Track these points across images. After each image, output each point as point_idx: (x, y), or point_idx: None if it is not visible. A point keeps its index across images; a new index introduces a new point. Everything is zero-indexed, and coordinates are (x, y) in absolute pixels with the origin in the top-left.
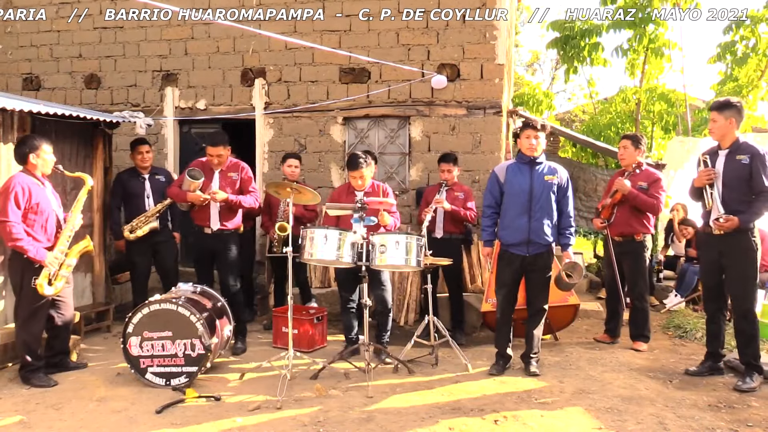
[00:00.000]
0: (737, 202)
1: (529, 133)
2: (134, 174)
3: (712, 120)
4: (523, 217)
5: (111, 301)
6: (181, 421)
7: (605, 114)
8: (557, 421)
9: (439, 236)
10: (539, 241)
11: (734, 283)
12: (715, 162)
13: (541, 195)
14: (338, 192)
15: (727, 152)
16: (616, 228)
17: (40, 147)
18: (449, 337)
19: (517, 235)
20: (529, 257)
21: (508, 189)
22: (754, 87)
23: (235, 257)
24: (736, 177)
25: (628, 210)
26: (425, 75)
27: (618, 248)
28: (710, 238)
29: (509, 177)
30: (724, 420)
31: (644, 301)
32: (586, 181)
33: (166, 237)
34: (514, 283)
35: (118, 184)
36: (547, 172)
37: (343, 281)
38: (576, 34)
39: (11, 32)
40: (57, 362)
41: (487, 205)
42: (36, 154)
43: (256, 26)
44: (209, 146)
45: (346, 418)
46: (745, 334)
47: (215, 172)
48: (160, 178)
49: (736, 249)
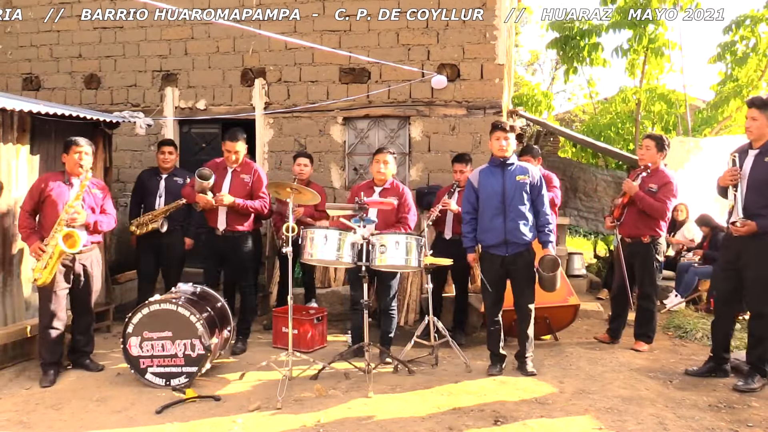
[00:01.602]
0: (759, 206)
1: (499, 135)
2: (154, 173)
3: (752, 118)
4: (498, 218)
5: (111, 301)
6: (181, 422)
7: (605, 114)
8: (557, 422)
9: (448, 237)
10: (516, 240)
11: (751, 284)
12: (744, 161)
13: (513, 195)
14: (358, 187)
15: (757, 152)
16: (625, 228)
17: (69, 147)
18: (449, 337)
19: (495, 237)
20: (508, 257)
21: (482, 193)
22: (754, 87)
23: (246, 258)
24: (761, 180)
25: (636, 211)
26: (425, 75)
27: (627, 249)
28: (732, 239)
29: (482, 180)
30: (725, 420)
31: (651, 303)
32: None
33: (174, 239)
34: (499, 283)
35: (138, 182)
36: (518, 172)
37: (353, 281)
38: (576, 35)
39: (11, 32)
40: (73, 360)
41: (466, 211)
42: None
43: (256, 26)
44: (228, 141)
45: (346, 418)
46: (756, 335)
47: (228, 171)
48: (178, 179)
49: (756, 252)
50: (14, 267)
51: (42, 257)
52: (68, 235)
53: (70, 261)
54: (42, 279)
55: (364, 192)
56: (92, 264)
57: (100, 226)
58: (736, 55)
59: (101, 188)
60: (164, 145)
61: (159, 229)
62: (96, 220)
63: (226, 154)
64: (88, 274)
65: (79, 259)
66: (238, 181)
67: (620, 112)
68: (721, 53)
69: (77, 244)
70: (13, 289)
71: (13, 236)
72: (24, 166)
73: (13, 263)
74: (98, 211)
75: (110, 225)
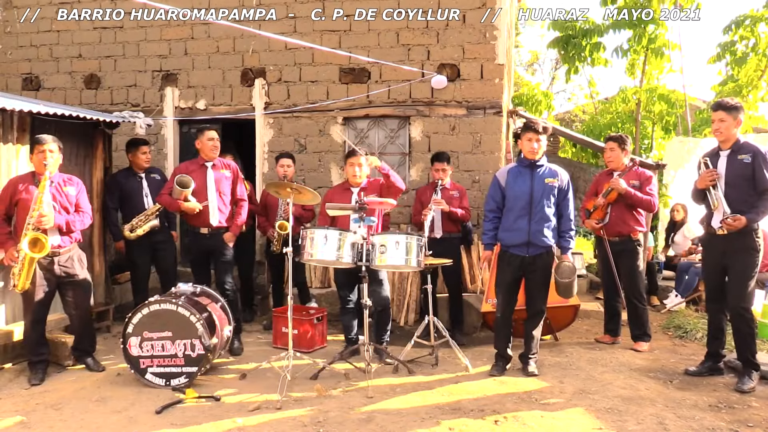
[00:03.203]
0: (740, 202)
1: (531, 136)
2: (130, 173)
3: (720, 120)
4: (523, 219)
5: (111, 302)
6: (181, 422)
7: (605, 114)
8: (557, 422)
9: (438, 236)
10: (539, 243)
11: (733, 281)
12: (716, 163)
13: (541, 198)
14: (332, 192)
15: (728, 152)
16: (611, 228)
17: (33, 146)
18: (449, 338)
19: (517, 237)
20: (528, 257)
21: (509, 192)
22: (754, 87)
23: (231, 256)
24: (739, 176)
25: (623, 209)
26: (425, 75)
27: (614, 248)
28: (714, 239)
29: (510, 180)
30: (725, 420)
31: (642, 300)
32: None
33: (165, 237)
34: (514, 283)
35: (114, 185)
36: (547, 174)
37: (341, 281)
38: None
39: (11, 32)
40: (76, 358)
41: (489, 209)
42: (31, 154)
43: (256, 26)
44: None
45: (346, 418)
46: (742, 332)
47: (208, 168)
48: (155, 176)
49: (739, 248)
50: None
51: (15, 263)
52: (34, 239)
53: (49, 263)
54: (20, 285)
55: (339, 195)
56: (74, 263)
57: (73, 225)
58: (735, 55)
59: (74, 184)
60: (142, 144)
61: (157, 227)
62: (67, 220)
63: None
64: (72, 275)
65: (58, 261)
66: (220, 176)
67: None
68: (721, 53)
69: (45, 248)
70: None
71: None
72: (24, 166)
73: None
74: (72, 209)
75: (84, 224)
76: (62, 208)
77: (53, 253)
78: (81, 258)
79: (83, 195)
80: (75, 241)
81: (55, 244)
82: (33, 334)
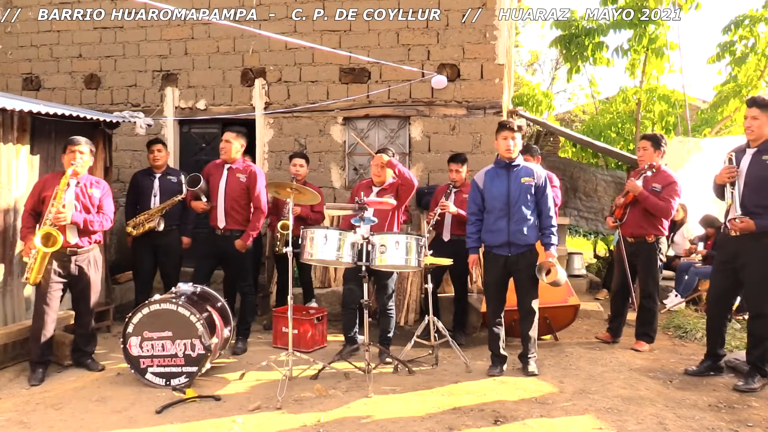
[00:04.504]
0: (755, 204)
1: (507, 135)
2: (147, 173)
3: (753, 117)
4: (502, 220)
5: (111, 301)
6: (181, 421)
7: (605, 114)
8: (557, 421)
9: (446, 239)
10: (519, 242)
11: (751, 285)
12: (741, 160)
13: (518, 198)
14: (358, 186)
15: (754, 151)
16: (627, 228)
17: (65, 146)
18: (449, 337)
19: (499, 238)
20: (512, 257)
21: (487, 194)
22: (753, 87)
23: (245, 258)
24: (759, 177)
25: (639, 211)
26: (425, 75)
27: (630, 248)
28: (727, 239)
29: (487, 182)
30: (725, 420)
31: (653, 302)
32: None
33: (171, 239)
34: (501, 283)
35: (132, 183)
36: (523, 174)
37: (348, 275)
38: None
39: (11, 32)
40: (75, 359)
41: (471, 212)
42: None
43: (256, 26)
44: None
45: (346, 418)
46: (756, 335)
47: (224, 170)
48: (172, 178)
49: (756, 251)
50: (15, 267)
51: (30, 257)
52: (47, 234)
53: (66, 261)
54: (31, 279)
55: (363, 191)
56: (89, 264)
57: (92, 225)
58: (735, 55)
59: (100, 187)
60: (153, 144)
61: (156, 228)
62: (85, 218)
63: (221, 145)
64: (85, 275)
65: (75, 259)
66: (233, 179)
67: (620, 112)
68: (721, 53)
69: (57, 243)
70: (13, 289)
71: (13, 236)
72: (24, 166)
73: (14, 263)
74: (94, 210)
75: (104, 225)
76: (83, 208)
77: (72, 252)
78: (97, 259)
79: (107, 198)
80: (95, 243)
81: (73, 242)
82: (40, 334)
